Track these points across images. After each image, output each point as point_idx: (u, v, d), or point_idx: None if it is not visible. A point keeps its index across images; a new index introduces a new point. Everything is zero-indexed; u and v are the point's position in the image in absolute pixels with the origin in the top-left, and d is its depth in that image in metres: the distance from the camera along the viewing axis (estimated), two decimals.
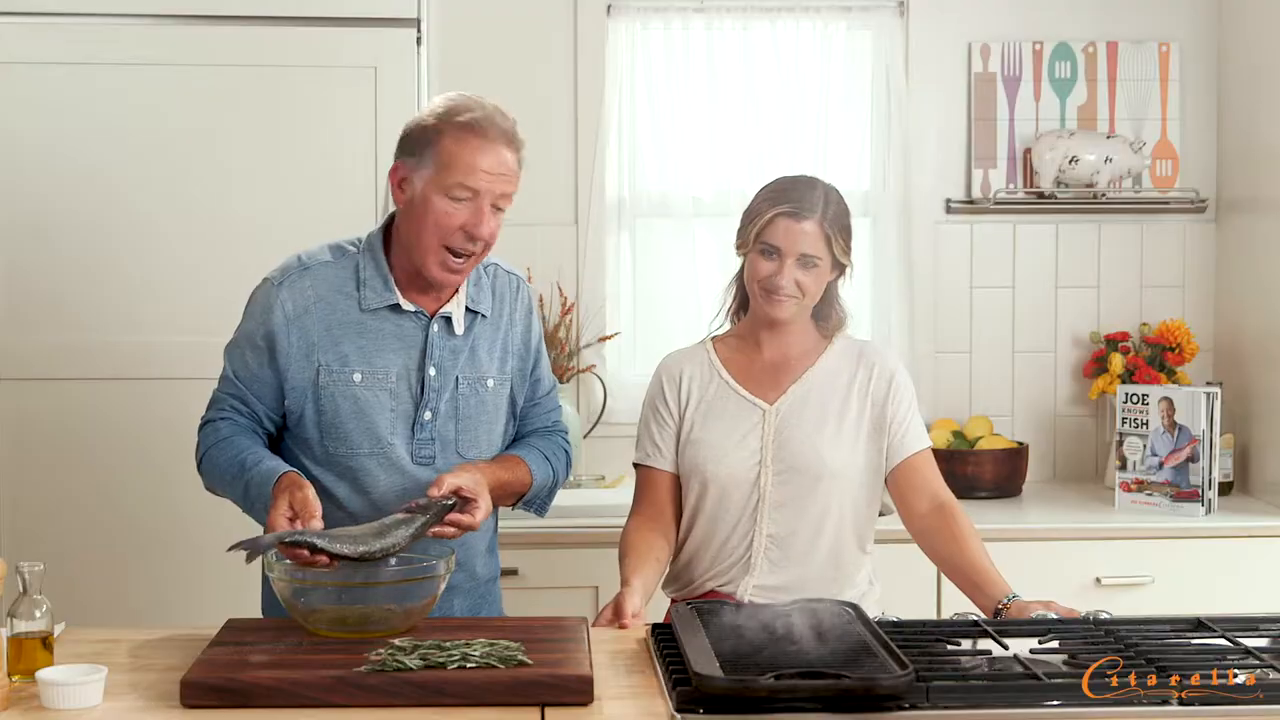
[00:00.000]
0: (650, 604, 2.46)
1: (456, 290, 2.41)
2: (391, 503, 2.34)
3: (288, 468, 2.28)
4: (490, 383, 2.45)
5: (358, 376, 2.36)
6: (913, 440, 2.59)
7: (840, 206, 2.56)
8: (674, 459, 2.61)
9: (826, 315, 2.64)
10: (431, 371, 2.38)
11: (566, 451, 2.57)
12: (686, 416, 2.61)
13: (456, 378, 2.41)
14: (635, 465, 2.66)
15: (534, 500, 2.51)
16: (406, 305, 2.39)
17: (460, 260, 2.33)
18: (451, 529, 2.25)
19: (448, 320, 2.41)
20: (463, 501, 2.26)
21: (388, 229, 2.43)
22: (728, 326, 2.70)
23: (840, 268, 2.58)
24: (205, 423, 2.42)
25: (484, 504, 2.28)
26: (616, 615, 2.35)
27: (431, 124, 2.31)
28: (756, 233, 2.53)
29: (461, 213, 2.29)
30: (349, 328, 2.37)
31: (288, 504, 2.18)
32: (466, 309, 2.43)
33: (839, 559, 2.56)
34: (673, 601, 2.57)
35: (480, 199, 2.29)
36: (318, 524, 2.16)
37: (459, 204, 2.29)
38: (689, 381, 2.63)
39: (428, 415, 2.39)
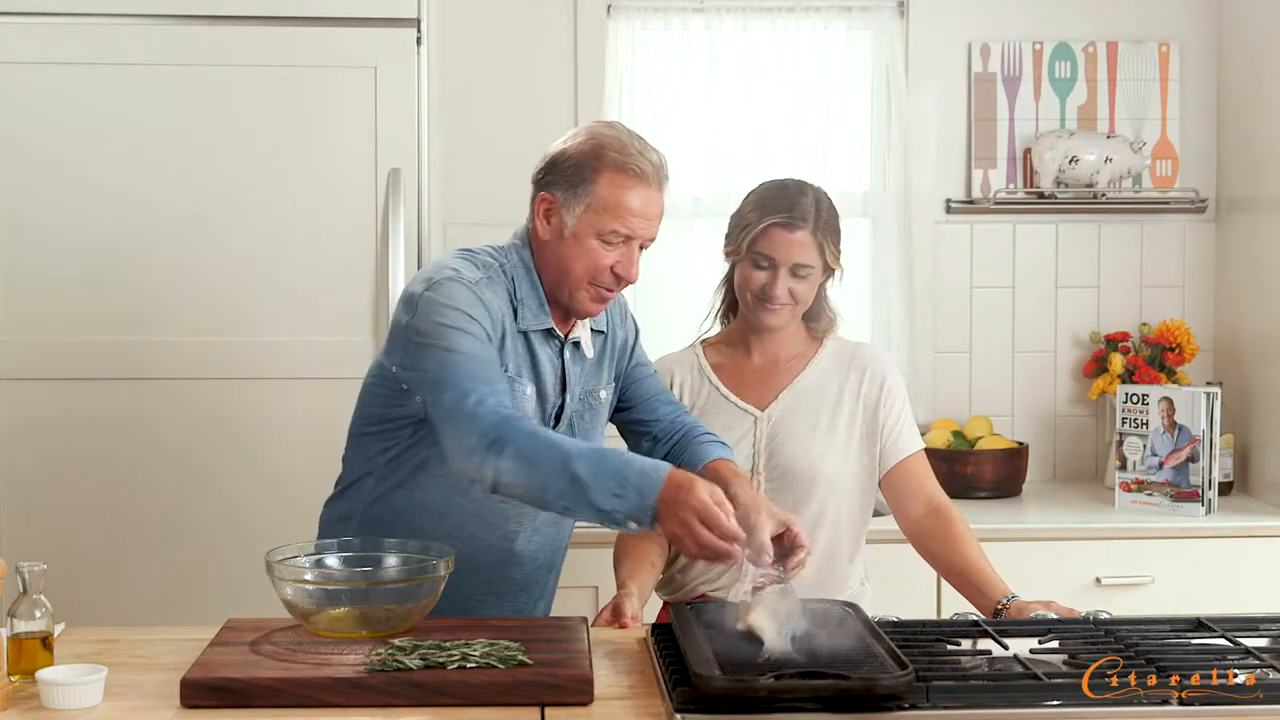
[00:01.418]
0: (644, 607, 2.45)
1: None
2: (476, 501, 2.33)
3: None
4: (602, 394, 2.46)
5: (530, 390, 2.33)
6: (906, 443, 2.58)
7: (831, 212, 2.55)
8: None
9: (816, 317, 2.63)
10: (568, 398, 2.38)
11: None
12: None
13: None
14: None
15: None
16: (558, 331, 2.36)
17: (609, 293, 2.34)
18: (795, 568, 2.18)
19: (576, 344, 2.40)
20: (782, 543, 2.18)
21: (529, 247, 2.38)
22: (717, 329, 2.70)
23: (831, 270, 2.58)
24: (495, 410, 2.13)
25: (791, 525, 2.19)
26: (615, 616, 2.35)
27: (587, 161, 2.29)
28: (749, 242, 2.52)
29: (613, 255, 2.30)
30: (515, 340, 2.33)
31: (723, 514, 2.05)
32: (592, 329, 2.43)
33: (832, 564, 2.55)
34: (666, 604, 2.56)
35: (632, 242, 2.31)
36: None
37: (611, 247, 2.30)
38: (680, 386, 2.63)
39: None
